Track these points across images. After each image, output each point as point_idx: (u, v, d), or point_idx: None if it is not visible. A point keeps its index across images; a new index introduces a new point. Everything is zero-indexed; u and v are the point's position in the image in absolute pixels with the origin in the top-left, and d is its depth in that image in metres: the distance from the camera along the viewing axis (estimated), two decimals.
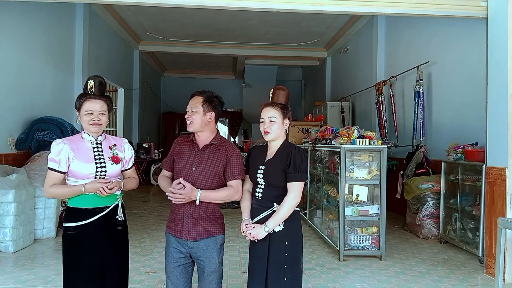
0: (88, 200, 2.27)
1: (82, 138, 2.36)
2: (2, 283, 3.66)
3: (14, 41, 5.63)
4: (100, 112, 2.31)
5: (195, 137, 2.40)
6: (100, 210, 2.29)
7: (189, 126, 2.37)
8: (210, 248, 2.32)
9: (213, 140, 2.37)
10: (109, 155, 2.37)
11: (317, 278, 3.96)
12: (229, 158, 2.35)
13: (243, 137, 19.10)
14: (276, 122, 2.37)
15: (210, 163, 2.32)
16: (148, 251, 4.73)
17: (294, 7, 4.43)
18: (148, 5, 6.03)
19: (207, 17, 8.91)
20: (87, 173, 2.27)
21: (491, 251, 4.09)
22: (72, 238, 2.27)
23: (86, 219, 2.26)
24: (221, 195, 2.31)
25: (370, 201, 4.72)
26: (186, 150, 2.39)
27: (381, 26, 8.07)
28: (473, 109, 5.24)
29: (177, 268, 2.35)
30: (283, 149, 2.39)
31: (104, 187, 2.21)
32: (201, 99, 2.36)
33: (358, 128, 4.80)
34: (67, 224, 2.28)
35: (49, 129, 5.81)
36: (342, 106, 9.55)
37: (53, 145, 2.29)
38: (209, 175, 2.31)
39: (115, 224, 2.36)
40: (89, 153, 2.32)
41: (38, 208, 5.12)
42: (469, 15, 4.41)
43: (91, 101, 2.30)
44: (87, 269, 2.26)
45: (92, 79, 2.32)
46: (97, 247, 2.28)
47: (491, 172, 4.17)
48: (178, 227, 2.33)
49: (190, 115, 2.35)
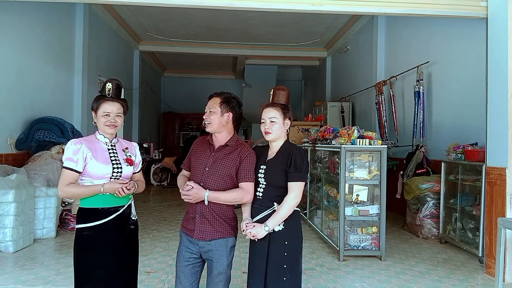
0: (104, 200, 2.30)
1: (97, 139, 2.40)
2: (2, 283, 3.66)
3: (14, 41, 5.63)
4: (116, 114, 2.37)
5: (211, 138, 2.43)
6: (116, 210, 2.33)
7: (207, 127, 2.39)
8: (220, 249, 2.33)
9: (229, 141, 2.39)
10: (124, 157, 2.42)
11: (317, 278, 3.96)
12: (243, 160, 2.36)
13: (243, 137, 19.09)
14: (276, 122, 2.38)
15: (224, 164, 2.34)
16: (148, 251, 4.73)
17: (294, 7, 4.43)
18: (148, 5, 6.03)
19: (207, 17, 8.91)
20: (104, 174, 2.31)
21: (491, 251, 4.09)
22: (87, 239, 2.28)
23: (102, 219, 2.28)
24: (229, 197, 2.30)
25: (370, 201, 4.72)
26: (202, 151, 2.43)
27: (381, 26, 8.07)
28: (473, 109, 5.24)
29: (186, 268, 2.36)
30: (284, 149, 2.39)
31: (123, 187, 2.26)
32: (219, 100, 2.39)
33: (358, 128, 4.80)
34: (82, 225, 2.29)
35: (49, 129, 5.81)
36: (342, 106, 9.55)
37: (70, 144, 2.31)
38: (222, 176, 2.33)
39: (129, 223, 2.40)
40: (105, 154, 2.36)
41: (38, 208, 5.11)
42: (469, 15, 4.41)
43: (109, 103, 2.35)
44: (102, 268, 2.28)
45: (110, 82, 2.38)
46: (112, 246, 2.31)
47: (491, 172, 4.17)
48: (191, 226, 2.37)
49: (208, 116, 2.38)
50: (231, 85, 16.13)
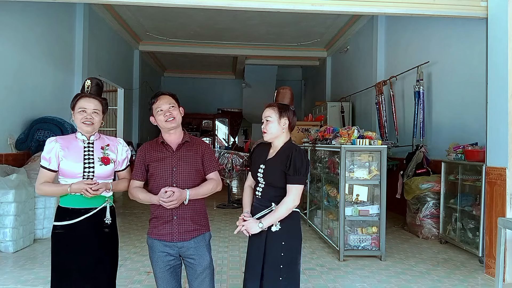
0: (76, 200, 2.27)
1: (75, 138, 2.38)
2: (2, 283, 3.66)
3: (14, 41, 5.63)
4: (93, 110, 2.33)
5: (164, 139, 2.39)
6: (86, 211, 2.29)
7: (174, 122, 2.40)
8: (200, 245, 2.35)
9: (185, 138, 2.40)
10: (99, 156, 2.36)
11: (317, 278, 3.96)
12: (204, 152, 2.42)
13: (243, 137, 19.11)
14: (271, 121, 2.37)
15: (190, 160, 2.35)
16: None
17: (294, 7, 4.43)
18: (148, 5, 6.02)
19: (207, 17, 8.91)
20: (76, 173, 2.28)
21: (491, 251, 4.09)
22: (59, 237, 2.29)
23: (73, 219, 2.26)
24: (207, 189, 2.37)
25: (370, 201, 4.72)
26: (160, 153, 2.36)
27: (381, 26, 8.07)
28: (473, 109, 5.24)
29: (167, 272, 2.34)
30: (284, 150, 2.38)
31: (88, 188, 2.20)
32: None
33: (358, 128, 4.80)
34: (55, 223, 2.30)
35: (49, 129, 5.81)
36: (342, 106, 9.55)
37: (46, 143, 2.32)
38: (191, 172, 2.34)
39: (102, 226, 2.34)
40: (79, 152, 2.32)
41: (38, 208, 5.12)
42: (469, 15, 4.41)
43: (86, 99, 2.33)
44: (73, 268, 2.26)
45: (90, 80, 2.36)
46: (83, 248, 2.27)
47: (491, 172, 4.17)
48: (166, 230, 2.31)
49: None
50: (231, 85, 16.18)
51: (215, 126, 17.02)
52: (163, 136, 2.40)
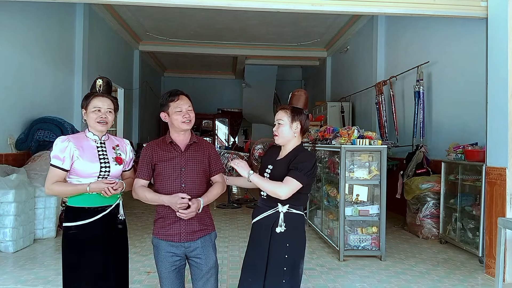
0: (91, 199, 2.27)
1: (86, 137, 2.36)
2: (2, 283, 3.66)
3: (14, 41, 5.63)
4: (107, 109, 2.34)
5: (173, 139, 2.36)
6: (103, 209, 2.30)
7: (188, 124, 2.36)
8: (207, 244, 2.36)
9: (193, 139, 2.39)
10: (113, 156, 2.37)
11: (317, 278, 3.96)
12: (211, 154, 2.42)
13: (243, 137, 19.10)
14: (283, 124, 2.36)
15: (198, 161, 2.35)
16: (148, 251, 4.72)
17: (294, 7, 4.43)
18: (148, 5, 6.03)
19: (207, 17, 8.91)
20: (91, 172, 2.27)
21: (491, 251, 4.09)
22: (73, 238, 2.27)
23: (88, 218, 2.26)
24: (216, 194, 2.41)
25: (370, 201, 4.72)
26: (167, 153, 2.33)
27: (381, 26, 8.07)
28: (473, 109, 5.24)
29: (172, 272, 2.33)
30: (294, 152, 2.36)
31: (109, 187, 2.22)
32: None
33: (358, 128, 4.80)
34: (68, 224, 2.28)
35: (49, 129, 5.81)
36: (342, 106, 9.55)
37: (58, 142, 2.28)
38: (199, 172, 2.34)
39: (116, 223, 2.37)
40: (93, 152, 2.32)
41: (38, 208, 5.11)
42: (469, 15, 4.41)
43: (99, 98, 2.33)
44: (89, 268, 2.27)
45: (101, 79, 2.37)
46: (98, 246, 2.28)
47: (491, 172, 4.17)
48: (174, 230, 2.30)
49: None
50: (231, 85, 16.17)
51: (215, 126, 17.01)
52: (171, 136, 2.37)
